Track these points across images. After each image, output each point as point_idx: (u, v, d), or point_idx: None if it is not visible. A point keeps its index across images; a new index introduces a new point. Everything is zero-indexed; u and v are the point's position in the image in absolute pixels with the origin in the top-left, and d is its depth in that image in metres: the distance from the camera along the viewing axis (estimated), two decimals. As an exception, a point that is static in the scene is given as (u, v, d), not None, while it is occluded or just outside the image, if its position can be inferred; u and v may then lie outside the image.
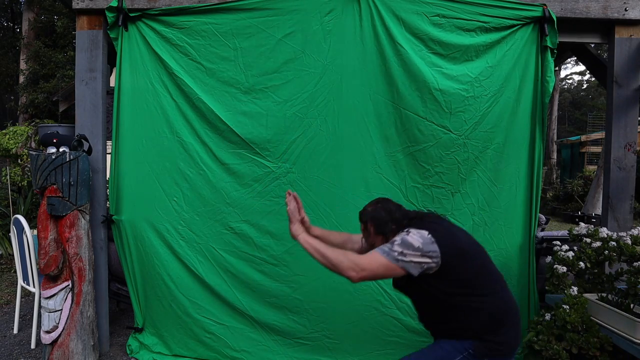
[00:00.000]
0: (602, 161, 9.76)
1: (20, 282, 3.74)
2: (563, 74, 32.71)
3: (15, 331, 3.71)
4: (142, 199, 3.21)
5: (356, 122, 3.08)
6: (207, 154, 3.17)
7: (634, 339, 2.22)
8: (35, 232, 3.13)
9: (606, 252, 2.62)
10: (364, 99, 3.07)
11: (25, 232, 3.46)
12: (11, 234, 3.78)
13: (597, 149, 14.49)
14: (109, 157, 3.23)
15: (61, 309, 2.95)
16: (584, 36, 3.26)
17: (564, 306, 2.48)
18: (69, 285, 2.98)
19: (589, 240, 2.74)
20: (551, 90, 3.07)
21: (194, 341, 3.22)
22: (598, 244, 2.68)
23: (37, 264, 3.19)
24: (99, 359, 3.20)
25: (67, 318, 2.96)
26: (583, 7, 3.11)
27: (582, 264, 2.67)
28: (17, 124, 10.08)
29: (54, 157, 2.88)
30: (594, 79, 14.36)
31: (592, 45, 3.93)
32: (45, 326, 2.94)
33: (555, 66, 3.53)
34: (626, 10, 3.09)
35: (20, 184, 5.97)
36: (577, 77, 38.08)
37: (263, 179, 3.14)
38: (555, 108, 16.26)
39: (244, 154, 3.15)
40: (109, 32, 3.16)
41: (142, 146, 3.20)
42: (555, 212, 11.56)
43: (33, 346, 3.41)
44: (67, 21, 11.95)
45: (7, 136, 5.92)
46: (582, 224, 2.91)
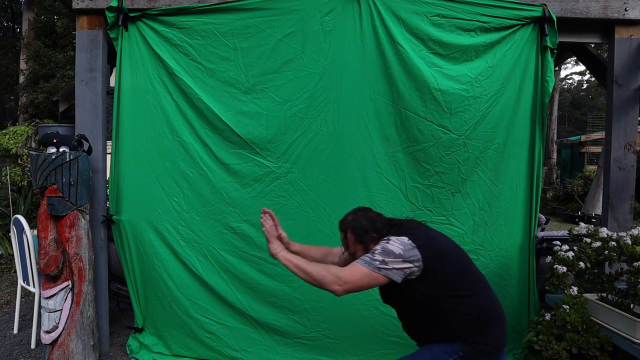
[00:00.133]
0: (602, 161, 9.76)
1: (20, 282, 3.74)
2: (563, 74, 32.72)
3: (15, 331, 3.71)
4: (142, 199, 3.21)
5: (356, 122, 3.08)
6: (208, 154, 3.17)
7: (634, 339, 2.22)
8: (35, 232, 3.13)
9: (606, 252, 2.62)
10: (364, 99, 3.07)
11: (25, 232, 3.46)
12: (11, 234, 3.78)
13: (597, 149, 14.49)
14: (109, 157, 3.23)
15: (61, 309, 2.95)
16: (584, 36, 3.26)
17: (564, 306, 2.48)
18: (69, 285, 2.98)
19: (589, 240, 2.74)
20: (551, 90, 3.08)
21: (194, 341, 3.22)
22: (598, 244, 2.68)
23: (37, 264, 3.19)
24: (99, 359, 3.20)
25: (67, 318, 2.96)
26: (583, 7, 3.11)
27: (582, 264, 2.67)
28: (17, 124, 10.08)
29: (54, 157, 2.88)
30: (594, 79, 14.37)
31: (592, 45, 3.93)
32: (45, 326, 2.94)
33: (555, 66, 3.53)
34: (626, 10, 3.09)
35: (20, 184, 5.97)
36: (577, 77, 38.12)
37: (263, 179, 3.14)
38: (555, 108, 16.26)
39: (244, 154, 3.15)
40: (109, 32, 3.17)
41: (142, 146, 3.21)
42: (555, 212, 11.56)
43: (33, 346, 3.41)
44: (67, 21, 11.95)
45: (7, 136, 5.93)
46: (582, 224, 2.91)
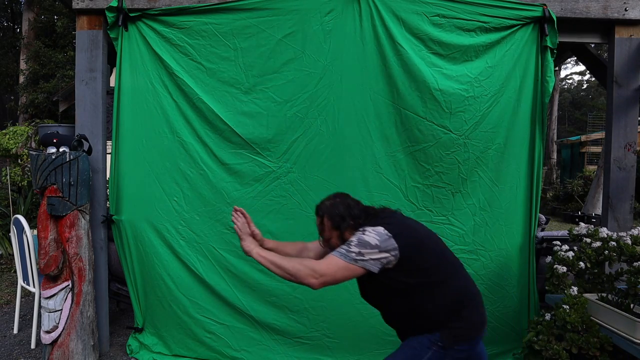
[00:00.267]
0: (602, 161, 9.76)
1: (20, 282, 3.74)
2: (563, 74, 32.72)
3: (15, 331, 3.71)
4: (142, 199, 3.21)
5: (356, 122, 3.08)
6: (208, 154, 3.17)
7: (634, 339, 2.21)
8: (35, 232, 3.13)
9: (606, 252, 2.62)
10: (364, 99, 3.07)
11: (25, 232, 3.46)
12: (11, 234, 3.78)
13: (597, 149, 14.49)
14: (109, 157, 3.23)
15: (61, 309, 2.95)
16: (584, 36, 3.26)
17: (564, 306, 2.48)
18: (69, 285, 2.98)
19: (589, 240, 2.74)
20: (551, 90, 3.08)
21: (194, 341, 3.22)
22: (598, 244, 2.68)
23: (37, 264, 3.19)
24: (99, 359, 3.20)
25: (67, 318, 2.96)
26: (583, 7, 3.11)
27: (582, 264, 2.66)
28: (17, 124, 10.07)
29: (54, 157, 2.88)
30: (594, 79, 14.37)
31: (592, 45, 3.93)
32: (45, 326, 2.94)
33: (555, 66, 3.53)
34: (626, 10, 3.09)
35: (20, 184, 5.97)
36: (577, 77, 38.12)
37: (264, 178, 3.14)
38: (555, 108, 16.26)
39: (244, 154, 3.15)
40: (109, 32, 3.16)
41: (142, 146, 3.20)
42: (555, 212, 11.56)
43: (33, 346, 3.41)
44: (67, 21, 11.95)
45: (7, 136, 5.93)
46: (582, 224, 2.91)
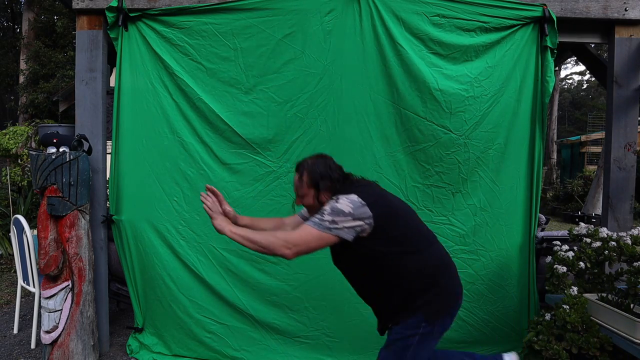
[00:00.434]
0: (602, 161, 9.76)
1: (20, 282, 3.74)
2: (563, 74, 32.72)
3: (15, 331, 3.71)
4: (142, 199, 3.21)
5: (356, 122, 3.08)
6: (208, 154, 3.18)
7: (634, 339, 2.21)
8: (35, 232, 3.13)
9: (606, 252, 2.62)
10: (364, 99, 3.07)
11: (25, 232, 3.46)
12: (11, 234, 3.78)
13: (597, 149, 14.49)
14: (109, 157, 3.23)
15: (61, 309, 2.95)
16: (584, 36, 3.26)
17: (564, 306, 2.48)
18: (69, 285, 2.98)
19: (589, 240, 2.74)
20: (551, 90, 3.07)
21: (194, 341, 3.22)
22: (598, 244, 2.68)
23: (37, 264, 3.19)
24: (99, 359, 3.20)
25: (67, 318, 2.96)
26: (583, 7, 3.11)
27: (582, 264, 2.66)
28: (17, 124, 10.08)
29: (54, 157, 2.88)
30: (594, 79, 14.37)
31: (592, 45, 3.93)
32: (45, 326, 2.94)
33: (555, 66, 3.53)
34: (626, 10, 3.09)
35: (20, 184, 5.97)
36: (577, 77, 38.14)
37: (264, 178, 3.14)
38: (555, 108, 16.26)
39: (245, 153, 3.15)
40: (109, 32, 3.16)
41: (142, 146, 3.20)
42: (555, 212, 11.56)
43: (33, 346, 3.41)
44: (67, 21, 11.96)
45: (7, 136, 5.93)
46: (582, 224, 2.91)
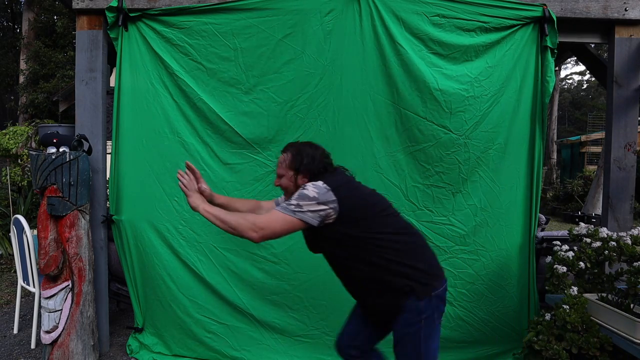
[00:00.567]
0: (602, 161, 9.76)
1: (20, 282, 3.74)
2: (563, 74, 32.73)
3: (15, 331, 3.71)
4: (143, 199, 3.21)
5: (356, 122, 3.08)
6: (209, 154, 3.18)
7: (634, 339, 2.21)
8: (35, 232, 3.13)
9: (606, 252, 2.62)
10: (364, 99, 3.07)
11: (25, 232, 3.46)
12: (11, 234, 3.78)
13: (597, 149, 14.49)
14: (109, 157, 3.23)
15: (61, 309, 2.95)
16: (584, 36, 3.26)
17: (564, 306, 2.48)
18: (69, 285, 2.98)
19: (589, 240, 2.74)
20: (551, 90, 3.07)
21: (194, 341, 3.22)
22: (598, 244, 2.68)
23: (37, 264, 3.19)
24: (99, 359, 3.20)
25: (67, 318, 2.96)
26: (583, 7, 3.11)
27: (582, 264, 2.66)
28: (17, 124, 10.08)
29: (54, 157, 2.88)
30: (594, 79, 14.37)
31: (592, 45, 3.93)
32: (45, 326, 2.94)
33: (555, 66, 3.52)
34: (626, 10, 3.09)
35: (20, 184, 5.97)
36: (577, 77, 38.16)
37: (264, 178, 3.14)
38: (555, 108, 16.26)
39: (245, 153, 3.16)
40: (109, 32, 3.16)
41: (142, 146, 3.20)
42: (555, 212, 11.56)
43: (33, 346, 3.41)
44: (67, 21, 11.96)
45: (7, 136, 5.93)
46: (582, 224, 2.91)
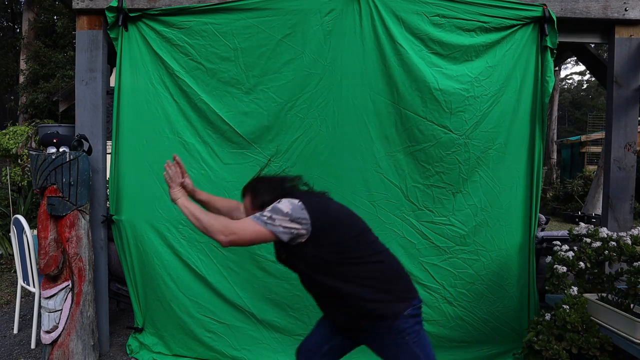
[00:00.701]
0: (602, 161, 9.76)
1: (20, 282, 3.74)
2: (563, 74, 32.71)
3: (15, 331, 3.71)
4: (143, 199, 3.20)
5: (356, 122, 3.08)
6: (209, 154, 3.18)
7: (634, 339, 2.21)
8: (35, 232, 3.13)
9: (606, 252, 2.61)
10: (364, 99, 3.07)
11: (25, 232, 3.46)
12: (11, 234, 3.78)
13: (597, 149, 14.49)
14: (109, 157, 3.23)
15: (61, 309, 2.95)
16: (584, 36, 3.26)
17: (564, 306, 2.48)
18: (69, 285, 2.98)
19: (589, 240, 2.74)
20: (551, 90, 3.07)
21: (194, 341, 3.22)
22: (598, 244, 2.68)
23: (37, 264, 3.19)
24: (99, 359, 3.20)
25: (67, 318, 2.96)
26: (583, 7, 3.11)
27: (582, 264, 2.66)
28: (17, 124, 10.08)
29: (54, 157, 2.88)
30: (594, 79, 14.37)
31: (592, 45, 3.93)
32: (45, 326, 2.94)
33: (555, 66, 3.53)
34: (626, 10, 3.09)
35: (20, 184, 5.97)
36: (577, 77, 38.14)
37: (264, 178, 3.14)
38: (555, 108, 16.26)
39: (245, 153, 3.16)
40: (109, 32, 3.16)
41: (142, 146, 3.20)
42: (555, 212, 11.56)
43: (33, 346, 3.41)
44: (67, 21, 11.95)
45: (7, 136, 5.93)
46: (582, 224, 2.90)
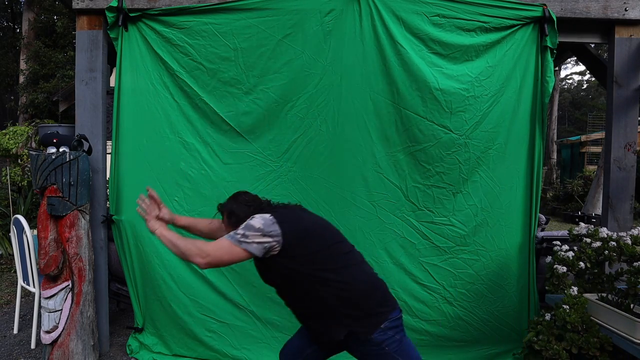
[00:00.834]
0: (602, 161, 9.76)
1: (20, 282, 3.74)
2: (563, 74, 32.70)
3: (15, 331, 3.71)
4: (143, 199, 3.21)
5: (356, 122, 3.08)
6: (209, 154, 3.18)
7: (634, 339, 2.21)
8: (35, 232, 3.13)
9: (606, 252, 2.61)
10: (364, 98, 3.07)
11: (25, 232, 3.46)
12: (11, 234, 3.78)
13: (597, 149, 14.49)
14: (109, 157, 3.23)
15: (61, 309, 2.95)
16: (584, 36, 3.26)
17: (564, 306, 2.48)
18: (69, 285, 2.98)
19: (589, 240, 2.74)
20: (551, 90, 3.08)
21: (194, 340, 3.22)
22: (598, 244, 2.68)
23: (37, 264, 3.19)
24: (99, 359, 3.20)
25: (67, 318, 2.96)
26: (583, 7, 3.11)
27: (582, 264, 2.66)
28: (17, 124, 10.07)
29: (54, 157, 2.88)
30: (594, 79, 14.37)
31: (592, 45, 3.93)
32: (45, 326, 2.94)
33: (555, 66, 3.53)
34: (626, 10, 3.09)
35: (20, 184, 5.97)
36: (577, 77, 38.12)
37: (265, 178, 3.14)
38: (555, 108, 16.26)
39: (245, 153, 3.16)
40: (109, 32, 3.16)
41: (142, 146, 3.20)
42: (555, 212, 11.56)
43: (33, 346, 3.41)
44: (67, 21, 11.95)
45: (7, 136, 5.93)
46: (582, 224, 2.90)
